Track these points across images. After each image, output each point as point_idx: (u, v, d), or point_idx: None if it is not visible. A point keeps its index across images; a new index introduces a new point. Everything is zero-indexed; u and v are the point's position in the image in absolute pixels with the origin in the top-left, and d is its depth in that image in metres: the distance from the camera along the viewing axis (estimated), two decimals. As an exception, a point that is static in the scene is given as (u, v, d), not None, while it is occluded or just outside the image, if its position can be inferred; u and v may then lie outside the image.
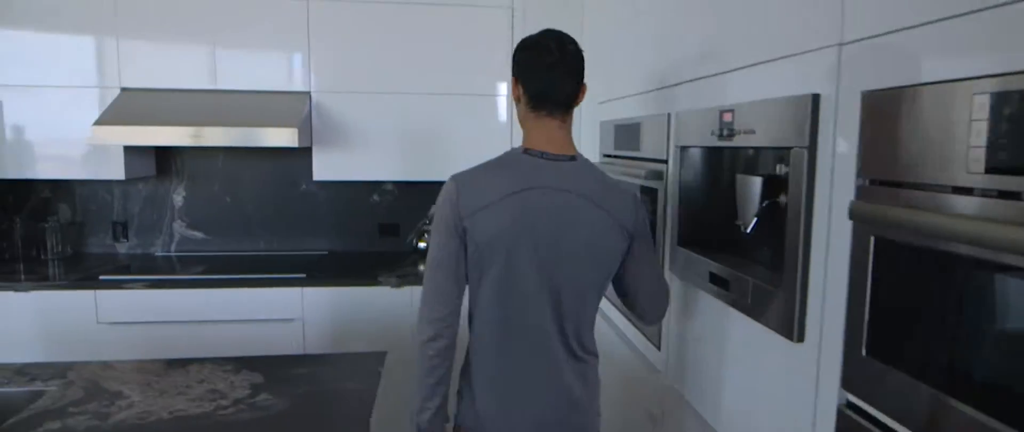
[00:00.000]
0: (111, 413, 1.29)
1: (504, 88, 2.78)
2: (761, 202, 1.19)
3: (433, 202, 3.01)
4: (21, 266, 2.68)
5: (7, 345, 2.37)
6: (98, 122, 2.40)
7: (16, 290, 2.40)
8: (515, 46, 1.29)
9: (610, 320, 2.08)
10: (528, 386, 1.22)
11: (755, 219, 1.19)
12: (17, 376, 1.49)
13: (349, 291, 2.53)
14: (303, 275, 2.53)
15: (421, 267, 2.74)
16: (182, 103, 2.57)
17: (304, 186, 2.99)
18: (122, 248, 2.95)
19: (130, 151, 2.64)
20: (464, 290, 1.22)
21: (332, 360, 1.60)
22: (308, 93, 2.68)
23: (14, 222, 2.82)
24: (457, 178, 1.23)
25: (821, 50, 0.99)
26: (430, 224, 2.97)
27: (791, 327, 1.04)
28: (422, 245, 2.97)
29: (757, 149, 1.23)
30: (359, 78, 2.69)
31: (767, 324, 1.11)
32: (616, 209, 1.23)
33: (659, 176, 1.62)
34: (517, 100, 1.28)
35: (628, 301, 1.34)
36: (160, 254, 2.95)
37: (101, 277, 2.47)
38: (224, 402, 1.34)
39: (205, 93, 2.62)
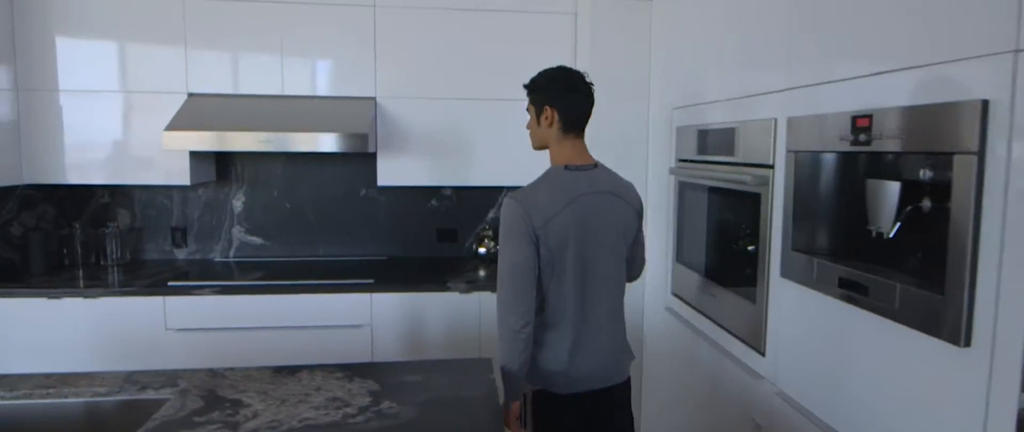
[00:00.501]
0: (239, 422, 1.28)
1: (566, 93, 2.77)
2: (902, 207, 1.18)
3: (490, 207, 3.03)
4: (81, 272, 2.68)
5: (76, 351, 2.38)
6: (170, 127, 2.41)
7: (85, 296, 2.40)
8: (543, 77, 1.58)
9: (698, 330, 2.07)
10: (603, 339, 1.57)
11: (897, 224, 1.19)
12: (127, 384, 1.49)
13: (418, 297, 2.52)
14: (371, 281, 2.53)
15: (482, 273, 2.74)
16: (251, 108, 2.58)
17: (364, 191, 2.99)
18: (181, 254, 2.95)
19: (193, 156, 2.65)
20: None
21: (441, 367, 1.59)
22: (373, 99, 2.69)
23: (74, 228, 2.82)
24: (519, 198, 1.49)
25: (993, 56, 0.98)
26: (489, 231, 2.98)
27: (957, 332, 1.03)
28: (482, 250, 2.97)
29: (896, 154, 1.23)
30: (423, 83, 2.70)
31: (923, 329, 1.10)
32: (632, 199, 1.62)
33: (764, 181, 1.61)
34: (548, 124, 1.55)
35: (627, 265, 1.65)
36: (219, 260, 2.95)
37: (169, 283, 2.46)
38: (350, 410, 1.33)
39: (273, 99, 2.63)
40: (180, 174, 2.62)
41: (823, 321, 1.40)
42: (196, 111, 2.53)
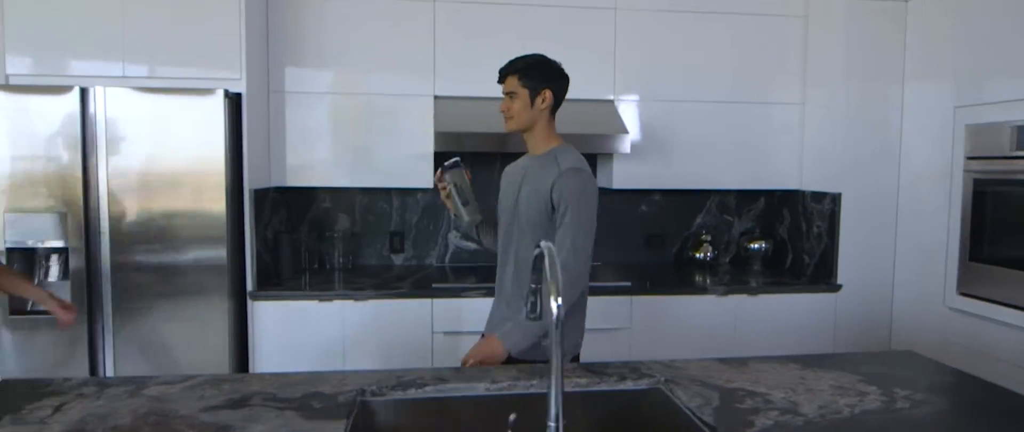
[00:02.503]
0: (797, 411, 1.22)
1: (797, 96, 2.78)
2: None
3: (697, 212, 2.99)
4: (307, 278, 2.62)
5: (354, 351, 2.33)
6: (451, 127, 2.39)
7: (355, 299, 2.34)
8: (538, 61, 1.61)
9: (1010, 324, 2.04)
10: None
11: None
12: (632, 372, 1.41)
13: (675, 300, 2.48)
14: (628, 283, 2.49)
15: (706, 278, 2.71)
16: (493, 110, 2.55)
17: (577, 196, 2.96)
18: (398, 259, 2.90)
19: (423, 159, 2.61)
20: None
21: (875, 360, 1.54)
22: (612, 101, 2.68)
23: (299, 233, 2.77)
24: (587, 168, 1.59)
25: None
26: (707, 236, 2.96)
27: None
28: (699, 256, 2.94)
29: None
30: (660, 86, 2.69)
31: None
32: None
33: None
34: (542, 105, 1.58)
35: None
36: (435, 265, 2.90)
37: (433, 285, 2.42)
38: (873, 398, 1.27)
39: (516, 101, 2.61)
40: (424, 177, 2.58)
41: None
42: (447, 113, 2.51)
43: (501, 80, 1.62)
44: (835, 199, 2.57)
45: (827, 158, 2.64)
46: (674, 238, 3.06)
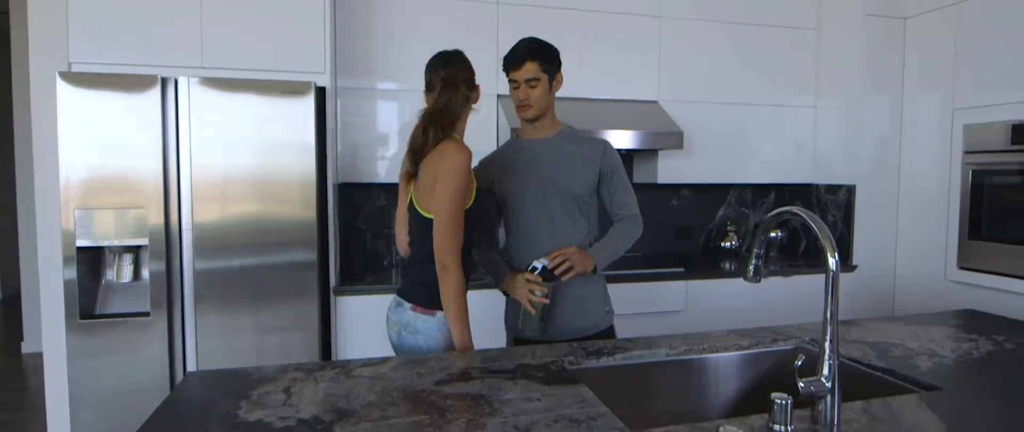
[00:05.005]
0: (936, 354, 1.45)
1: (810, 100, 3.12)
2: None
3: (720, 205, 3.27)
4: (376, 273, 2.65)
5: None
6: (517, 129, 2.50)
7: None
8: (551, 46, 1.70)
9: (1008, 290, 2.44)
10: None
11: None
12: (776, 335, 1.60)
13: (721, 283, 2.73)
14: (683, 269, 2.71)
15: (727, 265, 2.99)
16: (565, 110, 2.70)
17: (614, 191, 3.16)
18: (449, 254, 2.97)
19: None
20: None
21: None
22: (656, 102, 2.90)
23: (358, 230, 2.78)
24: None
25: None
26: (732, 226, 3.25)
27: None
28: (725, 244, 3.22)
29: None
30: (696, 89, 2.95)
31: None
32: None
33: None
34: (557, 89, 1.72)
35: None
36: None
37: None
38: (984, 343, 1.54)
39: (570, 100, 2.77)
40: (485, 173, 2.69)
41: None
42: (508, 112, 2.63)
43: (517, 67, 1.63)
44: (851, 190, 2.93)
45: (839, 155, 3.00)
46: (700, 229, 3.33)
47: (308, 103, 2.15)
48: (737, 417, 1.06)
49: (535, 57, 1.62)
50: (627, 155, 3.10)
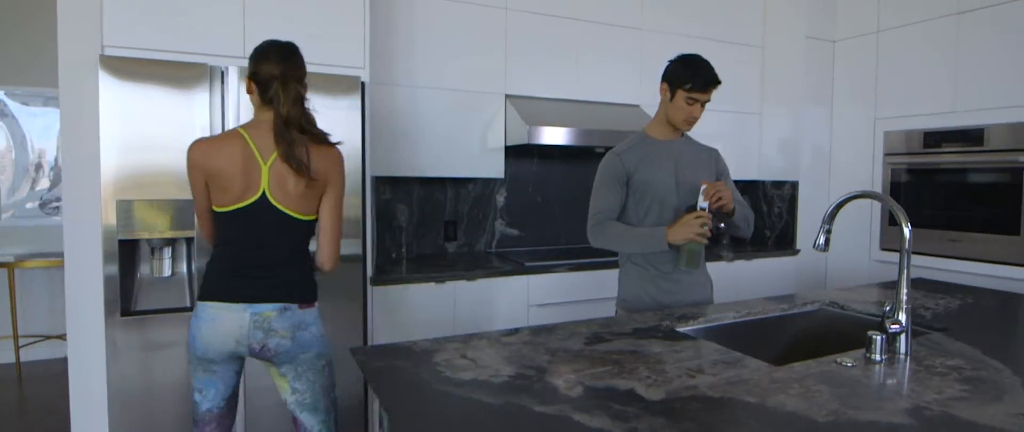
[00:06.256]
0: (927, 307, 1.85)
1: (755, 107, 3.60)
2: None
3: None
4: (405, 263, 2.71)
5: (468, 324, 2.50)
6: (536, 123, 2.68)
7: (467, 279, 2.53)
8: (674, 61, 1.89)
9: (930, 266, 3.03)
10: None
11: None
12: (797, 300, 1.91)
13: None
14: (669, 255, 3.04)
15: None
16: (560, 110, 2.93)
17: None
18: (451, 247, 3.08)
19: (496, 152, 2.88)
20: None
21: None
22: (638, 106, 3.21)
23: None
24: None
25: None
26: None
27: None
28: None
29: None
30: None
31: None
32: None
33: (1018, 164, 2.63)
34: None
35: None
36: (484, 251, 3.14)
37: (526, 264, 2.70)
38: (954, 298, 1.97)
39: (571, 103, 3.00)
40: (496, 168, 2.84)
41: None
42: (525, 110, 2.82)
43: (707, 91, 1.82)
44: (794, 186, 3.44)
45: (782, 156, 3.50)
46: (663, 221, 3.70)
47: (355, 99, 2.19)
48: (812, 358, 1.34)
49: (718, 84, 1.80)
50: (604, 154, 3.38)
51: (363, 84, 2.33)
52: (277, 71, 1.54)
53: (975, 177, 2.88)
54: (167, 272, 2.04)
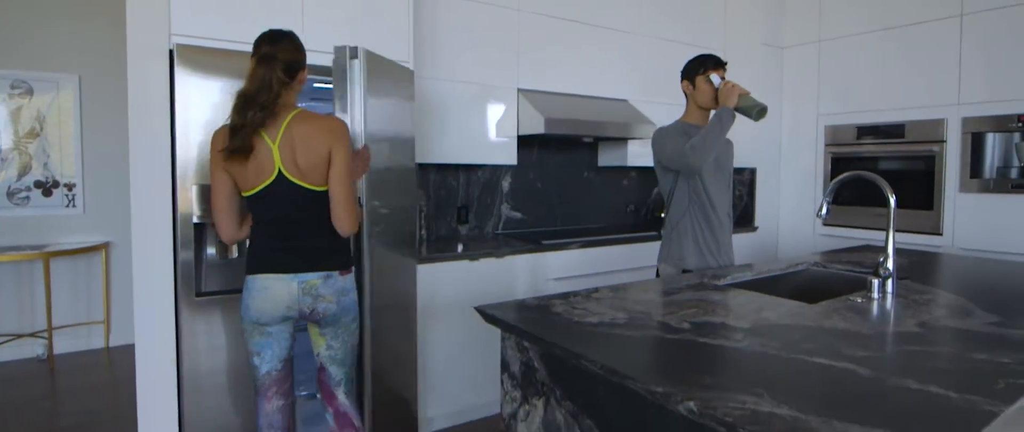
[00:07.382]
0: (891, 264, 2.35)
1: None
2: (1039, 153, 2.94)
3: (653, 185, 4.14)
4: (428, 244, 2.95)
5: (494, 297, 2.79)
6: (550, 114, 3.00)
7: (497, 256, 2.82)
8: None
9: (865, 238, 3.65)
10: None
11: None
12: (786, 263, 2.35)
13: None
14: (655, 233, 3.47)
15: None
16: (564, 103, 3.26)
17: (585, 174, 3.81)
18: (463, 229, 3.35)
19: (510, 141, 3.18)
20: None
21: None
22: (626, 100, 3.61)
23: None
24: None
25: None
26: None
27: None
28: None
29: (1032, 132, 2.98)
30: (647, 89, 3.73)
31: None
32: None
33: (930, 153, 3.27)
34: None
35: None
36: (494, 233, 3.43)
37: (543, 241, 3.02)
38: (912, 256, 2.49)
39: (572, 96, 3.34)
40: (508, 155, 3.14)
41: (991, 207, 3.09)
42: (537, 103, 3.13)
43: (720, 66, 2.27)
44: (753, 172, 3.98)
45: (742, 145, 4.02)
46: (642, 204, 4.15)
47: (410, 88, 2.41)
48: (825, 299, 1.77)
49: (725, 64, 2.27)
50: (593, 143, 3.75)
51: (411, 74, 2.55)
52: (259, 53, 1.67)
53: (897, 163, 3.51)
54: (235, 254, 2.19)
